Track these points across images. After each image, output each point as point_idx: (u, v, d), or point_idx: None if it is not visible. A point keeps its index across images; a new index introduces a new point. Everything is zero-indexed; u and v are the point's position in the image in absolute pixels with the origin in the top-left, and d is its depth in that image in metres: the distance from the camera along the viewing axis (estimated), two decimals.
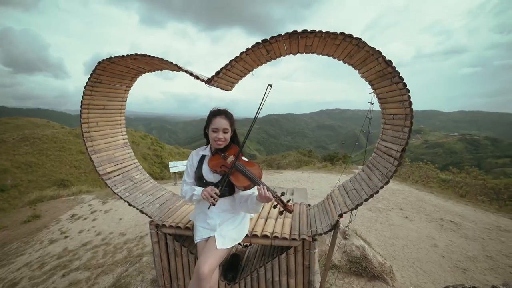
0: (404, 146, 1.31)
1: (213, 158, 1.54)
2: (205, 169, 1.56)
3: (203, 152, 1.63)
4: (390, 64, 1.25)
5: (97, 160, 1.84)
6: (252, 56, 1.50)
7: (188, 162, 1.65)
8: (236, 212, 1.55)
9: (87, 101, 1.78)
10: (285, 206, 1.29)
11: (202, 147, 1.70)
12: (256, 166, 1.46)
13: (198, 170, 1.58)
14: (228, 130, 1.52)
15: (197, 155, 1.64)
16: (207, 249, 1.39)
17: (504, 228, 4.35)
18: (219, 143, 1.50)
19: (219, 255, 1.37)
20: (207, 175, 1.54)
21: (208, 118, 1.55)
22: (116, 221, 4.62)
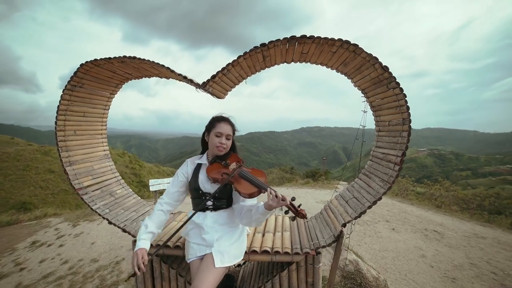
0: (404, 150, 1.31)
1: (212, 167, 1.42)
2: (202, 178, 1.43)
3: (199, 161, 1.50)
4: (387, 69, 1.29)
5: (73, 172, 1.63)
6: (249, 61, 1.47)
7: (179, 171, 1.50)
8: (234, 225, 1.42)
9: (65, 107, 1.61)
10: (298, 211, 1.18)
11: (197, 156, 1.56)
12: (261, 172, 1.37)
13: (193, 180, 1.43)
14: (230, 137, 1.44)
15: (192, 163, 1.51)
16: (203, 268, 1.22)
17: (480, 235, 4.57)
18: (221, 149, 1.40)
19: (217, 275, 1.21)
20: (203, 185, 1.40)
21: (210, 123, 1.46)
22: (87, 245, 4.11)
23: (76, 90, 1.63)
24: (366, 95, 1.70)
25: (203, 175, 1.43)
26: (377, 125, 1.70)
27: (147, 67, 1.59)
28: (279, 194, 1.18)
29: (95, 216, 5.50)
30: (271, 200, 1.19)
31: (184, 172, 1.48)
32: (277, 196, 1.17)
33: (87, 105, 1.76)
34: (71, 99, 1.63)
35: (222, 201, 1.41)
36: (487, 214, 7.69)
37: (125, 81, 1.92)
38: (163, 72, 1.63)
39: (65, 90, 1.58)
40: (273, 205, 1.18)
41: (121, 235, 4.39)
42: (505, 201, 8.67)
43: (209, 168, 1.40)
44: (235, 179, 1.31)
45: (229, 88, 1.71)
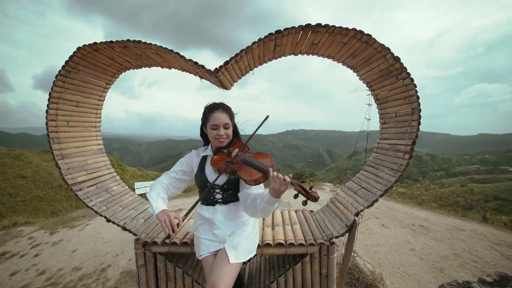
0: (414, 139, 1.35)
1: (216, 157, 1.35)
2: (208, 170, 1.36)
3: (204, 153, 1.43)
4: (398, 60, 1.32)
5: (65, 166, 1.48)
6: (260, 49, 1.44)
7: (183, 159, 1.42)
8: (246, 219, 1.35)
9: (57, 94, 1.47)
10: (308, 194, 1.07)
11: (201, 148, 1.49)
12: (266, 156, 1.28)
13: (200, 173, 1.36)
14: (229, 125, 1.34)
15: (197, 156, 1.43)
16: (219, 264, 1.14)
17: (460, 228, 4.88)
18: (221, 141, 1.32)
19: (234, 270, 1.14)
20: (211, 178, 1.33)
21: (204, 115, 1.38)
22: (68, 253, 3.79)
23: (71, 76, 1.49)
24: (371, 88, 1.74)
25: (209, 168, 1.36)
26: (381, 117, 1.74)
27: (150, 54, 1.50)
28: (280, 175, 1.06)
29: (76, 222, 5.11)
30: (274, 182, 1.07)
31: (188, 162, 1.40)
32: (278, 178, 1.05)
33: (81, 94, 1.62)
34: (65, 86, 1.49)
35: (231, 193, 1.34)
36: (461, 210, 8.25)
37: (123, 71, 1.81)
38: (168, 59, 1.55)
39: (59, 76, 1.44)
40: (276, 187, 1.05)
41: (106, 241, 4.11)
42: (476, 197, 9.36)
43: (213, 159, 1.34)
44: (239, 166, 1.24)
45: (237, 78, 1.66)
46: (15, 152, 13.20)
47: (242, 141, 1.41)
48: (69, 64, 1.43)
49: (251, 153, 1.32)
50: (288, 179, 1.05)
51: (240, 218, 1.34)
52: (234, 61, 1.34)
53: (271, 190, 1.09)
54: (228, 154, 1.32)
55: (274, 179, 1.08)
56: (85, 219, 5.22)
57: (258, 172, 1.18)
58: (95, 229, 4.57)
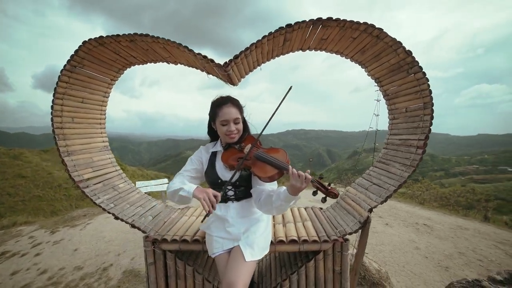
0: (427, 133, 1.33)
1: (227, 153, 1.31)
2: (219, 167, 1.31)
3: (213, 149, 1.37)
4: (410, 54, 1.30)
5: (72, 163, 1.45)
6: (270, 44, 1.42)
7: (193, 156, 1.38)
8: (259, 216, 1.32)
9: (63, 90, 1.44)
10: (328, 190, 1.03)
11: (210, 144, 1.45)
12: (280, 151, 1.22)
13: (210, 170, 1.32)
14: (239, 120, 1.29)
15: (207, 152, 1.39)
16: (234, 263, 1.11)
17: (464, 227, 4.87)
18: (232, 137, 1.27)
19: (250, 268, 1.11)
20: (222, 174, 1.30)
21: (212, 110, 1.32)
22: (69, 252, 3.75)
23: (76, 71, 1.47)
24: (380, 84, 1.72)
25: (220, 164, 1.32)
26: (391, 113, 1.73)
27: (157, 48, 1.47)
28: (301, 173, 1.02)
29: (76, 221, 5.08)
30: (294, 180, 1.02)
31: (198, 159, 1.37)
32: (299, 175, 1.01)
33: (86, 90, 1.59)
34: (70, 81, 1.46)
35: (243, 189, 1.31)
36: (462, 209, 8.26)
37: (128, 66, 1.78)
38: (175, 54, 1.52)
39: (64, 71, 1.42)
40: (296, 185, 1.02)
41: (108, 240, 4.07)
42: (477, 197, 9.37)
43: (224, 155, 1.29)
44: (252, 163, 1.19)
45: (244, 73, 1.64)
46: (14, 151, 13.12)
47: (252, 135, 1.37)
48: (75, 58, 1.41)
49: (264, 148, 1.27)
50: (309, 177, 1.02)
51: (254, 214, 1.31)
52: (243, 55, 1.32)
53: (290, 188, 1.06)
54: (240, 149, 1.28)
55: (294, 176, 1.03)
56: (86, 218, 5.19)
57: (273, 169, 1.13)
58: (96, 228, 4.54)
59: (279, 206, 1.12)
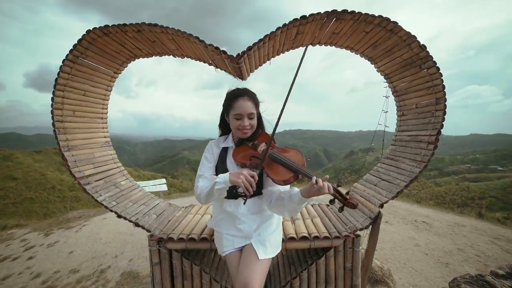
0: (439, 129, 1.31)
1: (239, 149, 1.24)
2: (230, 163, 1.24)
3: (224, 144, 1.30)
4: (425, 48, 1.29)
5: (72, 159, 1.38)
6: (282, 36, 1.39)
7: (205, 154, 1.31)
8: (269, 212, 1.28)
9: (64, 81, 1.37)
10: (346, 200, 0.99)
11: (221, 138, 1.38)
12: (296, 152, 1.15)
13: (221, 166, 1.25)
14: (254, 115, 1.22)
15: (217, 146, 1.33)
16: (248, 262, 1.06)
17: (461, 224, 4.94)
18: (245, 132, 1.21)
19: (265, 268, 1.07)
20: (233, 170, 1.23)
21: (226, 102, 1.26)
22: (64, 255, 3.63)
23: (79, 62, 1.40)
24: (389, 80, 1.71)
25: (231, 160, 1.26)
26: (400, 109, 1.71)
27: (165, 40, 1.42)
28: (320, 181, 0.96)
29: (72, 223, 4.94)
30: (313, 188, 0.97)
31: (211, 155, 1.31)
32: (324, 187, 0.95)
33: (88, 83, 1.53)
34: (72, 72, 1.39)
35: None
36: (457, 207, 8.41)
37: (132, 59, 1.72)
38: (183, 46, 1.47)
39: (66, 61, 1.35)
40: (314, 193, 0.97)
41: (105, 242, 3.97)
42: (471, 195, 9.56)
43: (235, 152, 1.23)
44: (266, 163, 1.12)
45: (254, 67, 1.60)
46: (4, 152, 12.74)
47: (266, 133, 1.30)
48: (78, 48, 1.34)
49: (279, 148, 1.20)
50: (331, 188, 0.97)
51: (265, 211, 1.27)
52: (256, 47, 1.28)
53: (305, 191, 1.02)
54: (254, 147, 1.21)
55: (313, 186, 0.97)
56: (82, 220, 5.05)
57: (288, 172, 1.06)
58: (92, 230, 4.42)
59: (292, 209, 1.09)
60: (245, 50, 1.26)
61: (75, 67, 1.39)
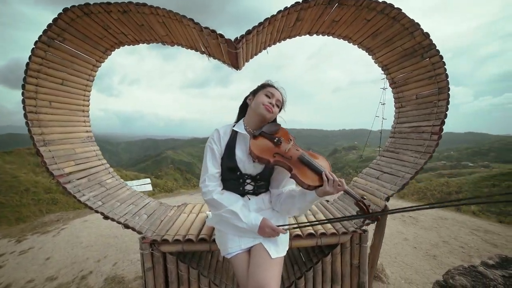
0: (443, 118, 1.30)
1: (259, 142, 1.09)
2: (240, 155, 1.12)
3: (236, 128, 1.16)
4: (428, 36, 1.26)
5: (49, 154, 1.22)
6: (282, 22, 1.31)
7: (211, 145, 1.15)
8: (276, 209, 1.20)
9: (37, 67, 1.20)
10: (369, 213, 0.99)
11: (228, 124, 1.22)
12: (323, 159, 1.09)
13: (228, 157, 1.12)
14: (280, 106, 1.21)
15: (225, 133, 1.17)
16: (261, 262, 0.98)
17: (444, 217, 5.17)
18: (268, 109, 1.11)
19: (279, 266, 0.99)
20: (244, 165, 1.12)
21: (261, 85, 1.22)
22: (40, 262, 3.33)
23: (54, 46, 1.23)
24: (387, 71, 1.69)
25: (241, 151, 1.13)
26: (398, 101, 1.70)
27: (154, 23, 1.29)
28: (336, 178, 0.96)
29: (49, 227, 4.58)
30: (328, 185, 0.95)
31: (217, 147, 1.16)
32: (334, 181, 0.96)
33: (67, 70, 1.36)
34: (47, 57, 1.22)
35: (263, 184, 1.18)
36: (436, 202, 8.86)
37: (117, 47, 1.57)
38: (174, 31, 1.35)
39: (39, 43, 1.17)
40: (329, 191, 0.95)
41: (86, 245, 3.70)
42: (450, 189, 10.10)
43: (254, 143, 1.08)
44: (294, 164, 1.03)
45: (250, 56, 1.51)
46: None
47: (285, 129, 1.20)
48: (53, 29, 1.17)
49: (305, 150, 1.11)
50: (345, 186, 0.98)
51: (270, 208, 1.19)
52: (256, 31, 1.19)
53: (320, 191, 0.98)
54: (277, 143, 1.09)
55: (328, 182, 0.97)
56: (60, 223, 4.70)
57: (318, 178, 0.99)
58: (72, 233, 4.11)
59: (303, 208, 1.08)
60: (243, 34, 1.16)
61: (51, 51, 1.22)
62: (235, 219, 1.05)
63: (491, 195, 9.88)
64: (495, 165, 52.47)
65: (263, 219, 1.05)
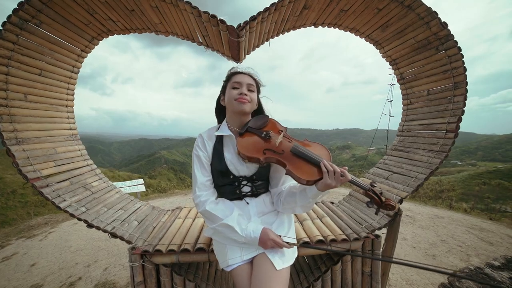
0: (460, 115, 1.21)
1: (245, 140, 0.99)
2: (229, 158, 1.03)
3: (219, 132, 1.06)
4: (446, 26, 1.17)
5: (24, 155, 1.06)
6: (287, 10, 1.19)
7: (197, 152, 1.06)
8: (278, 212, 1.08)
9: (7, 53, 1.04)
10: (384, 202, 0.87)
11: (211, 128, 1.15)
12: (321, 147, 0.97)
13: (217, 161, 1.03)
14: (254, 88, 1.06)
15: (210, 138, 1.08)
16: (263, 275, 0.86)
17: (440, 216, 5.19)
18: (243, 101, 1.00)
19: (286, 278, 0.88)
20: (235, 167, 1.02)
21: (227, 77, 1.10)
22: (24, 269, 3.13)
23: (29, 29, 1.07)
24: (396, 66, 1.60)
25: (230, 153, 1.04)
26: (406, 97, 1.61)
27: (147, 8, 1.15)
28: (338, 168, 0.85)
29: (35, 230, 4.35)
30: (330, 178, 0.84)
31: (203, 152, 1.06)
32: (335, 172, 0.84)
33: (46, 59, 1.20)
34: (19, 42, 1.06)
35: (262, 184, 1.07)
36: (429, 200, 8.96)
37: (105, 35, 1.41)
38: (170, 17, 1.21)
39: (7, 25, 1.01)
40: (330, 184, 0.84)
41: (75, 250, 3.51)
42: (442, 187, 10.26)
43: (241, 142, 0.98)
44: (288, 159, 0.92)
45: (251, 48, 1.38)
46: None
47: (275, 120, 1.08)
48: (26, 9, 1.01)
49: (299, 141, 1.00)
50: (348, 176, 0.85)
51: (273, 210, 1.07)
52: (260, 18, 1.07)
53: (321, 184, 0.87)
54: (266, 138, 0.98)
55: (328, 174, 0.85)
56: (48, 227, 4.47)
57: (316, 171, 0.88)
58: (60, 237, 3.90)
59: (306, 205, 0.96)
60: (247, 20, 1.04)
61: (24, 34, 1.06)
62: (231, 233, 0.94)
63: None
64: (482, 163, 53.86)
65: (263, 230, 0.93)
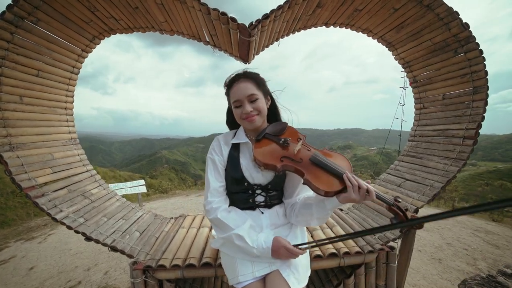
0: (480, 121, 1.15)
1: (262, 146, 0.95)
2: (246, 164, 0.98)
3: (236, 140, 1.02)
4: (467, 27, 1.10)
5: (17, 162, 1.00)
6: (300, 9, 1.13)
7: (212, 156, 1.01)
8: (291, 223, 1.02)
9: (1, 52, 0.98)
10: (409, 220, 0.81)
11: (228, 133, 1.09)
12: (342, 158, 0.92)
13: (232, 168, 0.98)
14: (256, 96, 0.96)
15: (226, 143, 1.03)
16: None
17: None
18: (251, 120, 0.95)
19: None
20: (251, 174, 0.97)
21: (225, 92, 1.03)
22: (22, 273, 3.07)
23: (25, 27, 1.00)
24: (409, 69, 1.53)
25: (246, 160, 0.99)
26: (419, 101, 1.55)
27: (152, 5, 1.08)
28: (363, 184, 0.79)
29: (34, 232, 4.29)
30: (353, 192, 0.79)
31: (219, 157, 1.01)
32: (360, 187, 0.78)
33: (44, 59, 1.13)
34: (14, 41, 1.00)
35: (276, 194, 1.02)
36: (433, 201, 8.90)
37: (107, 34, 1.35)
38: (176, 15, 1.14)
39: (1, 22, 0.94)
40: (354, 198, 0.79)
41: (75, 252, 3.45)
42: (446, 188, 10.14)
43: (258, 148, 0.94)
44: (306, 168, 0.87)
45: (261, 48, 1.32)
46: None
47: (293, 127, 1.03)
48: (21, 5, 0.95)
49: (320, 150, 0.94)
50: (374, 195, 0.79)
51: (287, 223, 1.01)
52: (273, 16, 1.00)
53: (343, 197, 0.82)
54: (284, 145, 0.93)
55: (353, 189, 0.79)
56: (47, 228, 4.41)
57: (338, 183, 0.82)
58: (60, 240, 3.84)
59: (323, 217, 0.91)
60: (260, 18, 0.97)
61: (20, 33, 1.00)
62: (242, 244, 0.87)
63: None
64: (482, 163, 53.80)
65: (275, 239, 0.87)
